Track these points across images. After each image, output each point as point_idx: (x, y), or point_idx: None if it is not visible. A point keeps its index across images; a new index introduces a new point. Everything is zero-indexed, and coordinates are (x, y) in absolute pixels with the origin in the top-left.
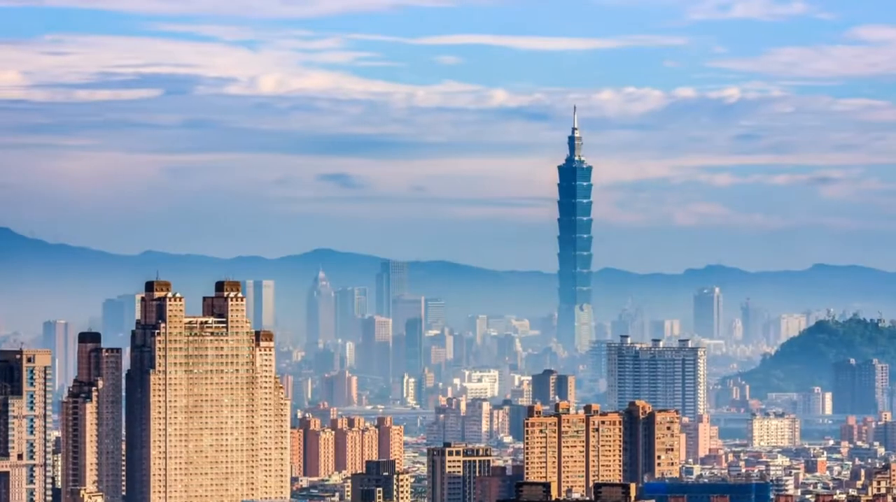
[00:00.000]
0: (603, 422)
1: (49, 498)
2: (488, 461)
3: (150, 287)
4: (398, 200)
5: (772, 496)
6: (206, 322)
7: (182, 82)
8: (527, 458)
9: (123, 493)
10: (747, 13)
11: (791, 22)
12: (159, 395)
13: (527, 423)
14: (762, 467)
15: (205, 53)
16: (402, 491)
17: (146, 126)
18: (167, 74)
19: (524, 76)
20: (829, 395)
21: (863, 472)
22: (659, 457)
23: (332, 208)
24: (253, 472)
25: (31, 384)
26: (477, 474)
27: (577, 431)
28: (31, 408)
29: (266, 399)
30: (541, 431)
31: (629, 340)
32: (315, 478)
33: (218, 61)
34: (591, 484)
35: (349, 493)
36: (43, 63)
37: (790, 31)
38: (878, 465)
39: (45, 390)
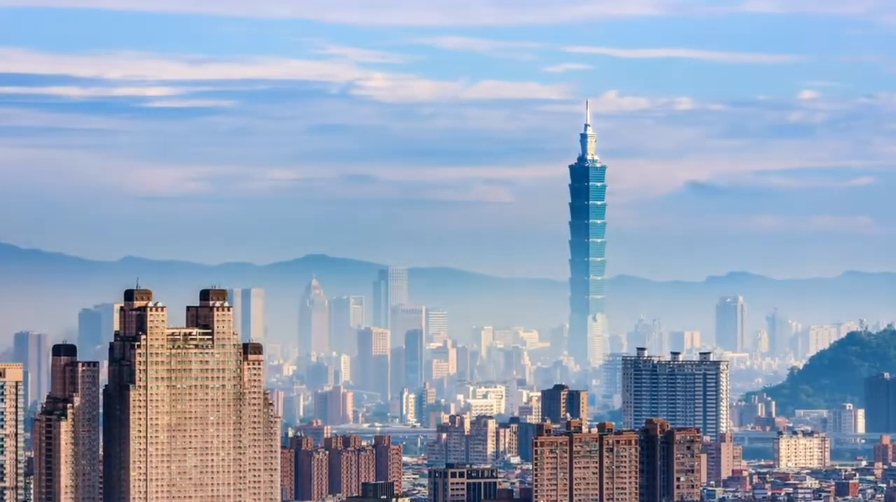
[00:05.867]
0: (618, 442)
1: None
2: (494, 483)
3: (129, 296)
4: (398, 204)
5: None
6: (190, 333)
7: (304, 93)
8: (535, 480)
9: None
10: None
11: None
12: (139, 413)
13: (535, 443)
14: (789, 490)
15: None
16: None
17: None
18: (305, 80)
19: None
20: (861, 412)
21: None
22: (678, 479)
23: (327, 211)
24: (240, 495)
25: (2, 400)
26: (482, 497)
27: (590, 451)
28: (2, 427)
29: (254, 416)
30: (551, 451)
31: (646, 353)
32: None
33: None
34: None
35: None
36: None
37: None
38: None
39: (16, 407)
